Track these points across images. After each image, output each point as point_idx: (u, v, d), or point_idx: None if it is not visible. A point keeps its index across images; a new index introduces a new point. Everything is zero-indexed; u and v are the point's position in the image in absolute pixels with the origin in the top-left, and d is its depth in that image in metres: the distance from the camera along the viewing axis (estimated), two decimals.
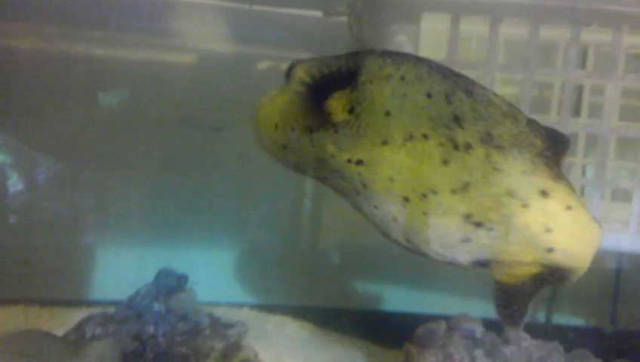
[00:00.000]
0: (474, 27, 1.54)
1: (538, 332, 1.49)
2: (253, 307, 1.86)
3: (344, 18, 1.52)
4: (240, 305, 1.85)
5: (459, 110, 0.93)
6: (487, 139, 0.93)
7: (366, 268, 1.98)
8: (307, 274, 1.93)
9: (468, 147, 0.92)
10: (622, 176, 1.64)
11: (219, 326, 1.47)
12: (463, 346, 1.38)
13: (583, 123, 1.59)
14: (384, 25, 1.35)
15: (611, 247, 1.31)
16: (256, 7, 1.78)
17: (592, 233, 0.95)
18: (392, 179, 0.95)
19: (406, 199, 0.95)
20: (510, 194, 0.92)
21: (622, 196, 1.58)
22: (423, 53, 1.34)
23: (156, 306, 1.43)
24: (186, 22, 1.85)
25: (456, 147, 0.93)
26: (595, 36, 1.57)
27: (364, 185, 0.98)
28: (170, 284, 1.51)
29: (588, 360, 1.41)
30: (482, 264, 0.99)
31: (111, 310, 1.46)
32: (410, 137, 0.94)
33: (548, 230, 0.93)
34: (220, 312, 1.55)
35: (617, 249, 1.31)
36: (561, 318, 1.89)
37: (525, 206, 0.92)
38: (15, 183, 1.89)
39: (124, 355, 1.31)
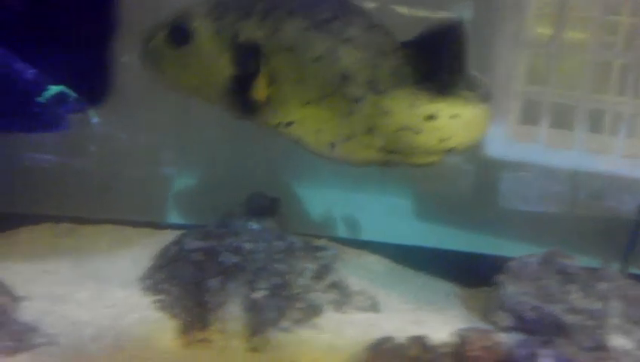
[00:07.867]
0: None
1: None
2: (330, 239, 1.86)
3: None
4: (318, 236, 1.86)
5: (343, 68, 1.07)
6: (372, 87, 1.07)
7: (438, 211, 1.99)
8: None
9: (359, 100, 1.07)
10: None
11: (311, 248, 1.49)
12: (557, 280, 1.38)
13: None
14: None
15: None
16: None
17: (477, 119, 1.09)
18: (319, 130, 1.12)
19: (332, 145, 1.12)
20: (404, 128, 1.07)
21: None
22: None
23: (253, 225, 1.46)
24: None
25: (355, 100, 1.08)
26: None
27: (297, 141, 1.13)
28: (264, 205, 1.54)
29: None
30: None
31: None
32: (323, 96, 1.09)
33: (442, 140, 1.08)
34: None
35: None
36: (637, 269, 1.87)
37: (418, 132, 1.07)
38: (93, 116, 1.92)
39: (225, 267, 1.33)
